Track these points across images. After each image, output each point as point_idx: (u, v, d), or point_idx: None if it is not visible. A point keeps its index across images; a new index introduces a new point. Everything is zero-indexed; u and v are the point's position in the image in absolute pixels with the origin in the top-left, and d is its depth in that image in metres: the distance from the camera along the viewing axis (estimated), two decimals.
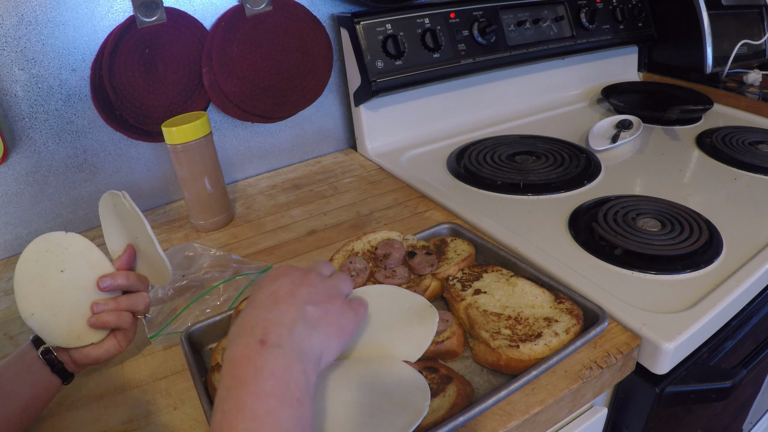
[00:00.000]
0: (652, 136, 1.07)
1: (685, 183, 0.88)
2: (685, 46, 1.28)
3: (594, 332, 0.54)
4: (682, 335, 0.56)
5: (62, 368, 0.53)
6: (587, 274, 0.66)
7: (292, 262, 0.76)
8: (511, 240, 0.74)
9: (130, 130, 0.89)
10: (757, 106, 1.14)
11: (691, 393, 0.60)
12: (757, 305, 0.71)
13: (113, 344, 0.56)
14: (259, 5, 0.92)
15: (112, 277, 0.55)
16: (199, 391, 0.51)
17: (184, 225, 0.90)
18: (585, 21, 1.19)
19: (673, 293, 0.63)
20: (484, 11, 1.08)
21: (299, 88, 1.02)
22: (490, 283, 0.63)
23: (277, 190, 1.00)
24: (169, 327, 0.63)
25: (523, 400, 0.51)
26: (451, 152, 1.04)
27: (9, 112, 0.80)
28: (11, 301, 0.74)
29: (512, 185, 0.88)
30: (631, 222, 0.75)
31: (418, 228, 0.80)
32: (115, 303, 0.55)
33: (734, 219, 0.76)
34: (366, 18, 0.97)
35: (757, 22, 1.33)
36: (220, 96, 0.94)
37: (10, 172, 0.83)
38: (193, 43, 0.89)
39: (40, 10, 0.78)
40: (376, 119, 1.07)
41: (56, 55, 0.81)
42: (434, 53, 1.02)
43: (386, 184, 0.98)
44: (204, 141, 0.81)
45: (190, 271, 0.72)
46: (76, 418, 0.54)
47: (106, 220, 0.59)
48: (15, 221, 0.86)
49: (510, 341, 0.53)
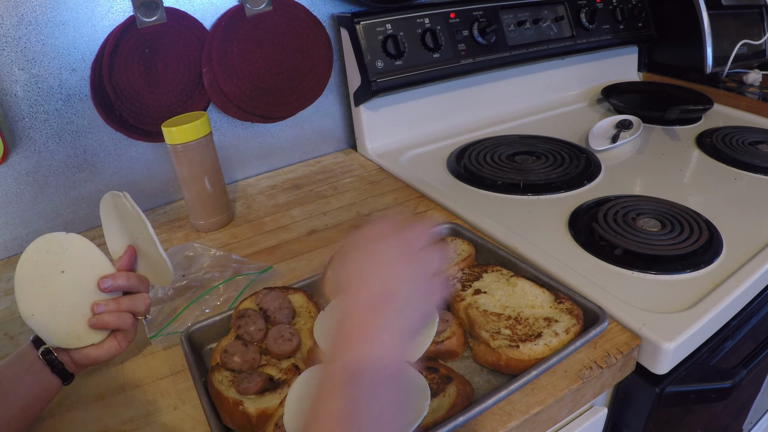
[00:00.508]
0: (652, 136, 1.07)
1: (685, 183, 0.88)
2: (685, 46, 1.28)
3: (594, 332, 0.54)
4: (682, 335, 0.56)
5: (62, 369, 0.53)
6: (587, 274, 0.66)
7: (292, 263, 0.76)
8: (511, 240, 0.74)
9: (130, 130, 0.89)
10: (757, 106, 1.14)
11: (691, 393, 0.60)
12: (757, 305, 0.71)
13: (113, 345, 0.56)
14: (259, 5, 0.92)
15: (112, 277, 0.55)
16: (199, 391, 0.51)
17: (184, 225, 0.90)
18: (585, 21, 1.19)
19: (673, 293, 0.63)
20: (484, 11, 1.08)
21: (299, 88, 1.02)
22: (490, 283, 0.63)
23: (277, 190, 1.00)
24: (169, 327, 0.63)
25: (523, 400, 0.51)
26: (451, 152, 1.04)
27: (9, 112, 0.80)
28: (11, 301, 0.74)
29: (512, 185, 0.88)
30: (631, 222, 0.75)
31: None
32: (115, 304, 0.55)
33: (734, 219, 0.76)
34: (366, 18, 0.97)
35: (757, 22, 1.33)
36: (220, 96, 0.94)
37: (10, 172, 0.83)
38: (193, 43, 0.89)
39: (40, 10, 0.78)
40: (376, 119, 1.07)
41: (56, 55, 0.81)
42: (434, 53, 1.02)
43: (386, 184, 0.98)
44: (204, 141, 0.81)
45: (190, 271, 0.72)
46: (76, 418, 0.54)
47: (106, 221, 0.59)
48: (15, 221, 0.86)
49: (510, 341, 0.53)
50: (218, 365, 0.54)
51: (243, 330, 0.58)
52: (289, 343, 0.56)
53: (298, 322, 0.60)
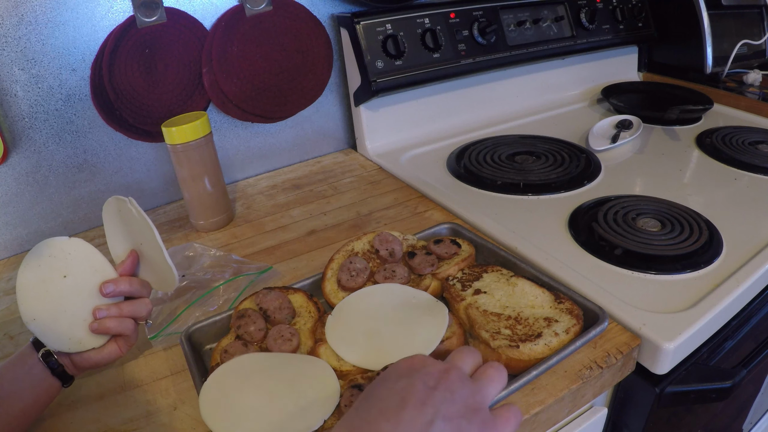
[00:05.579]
0: (652, 136, 1.07)
1: (685, 183, 0.88)
2: (685, 46, 1.28)
3: (594, 332, 0.54)
4: (682, 335, 0.56)
5: (62, 371, 0.53)
6: (587, 274, 0.66)
7: (292, 262, 0.76)
8: (511, 240, 0.74)
9: (130, 130, 0.89)
10: (757, 106, 1.14)
11: (691, 393, 0.60)
12: (757, 305, 0.71)
13: (114, 349, 0.55)
14: (259, 5, 0.92)
15: (115, 282, 0.55)
16: (199, 391, 0.51)
17: (184, 225, 0.90)
18: (585, 21, 1.19)
19: (673, 293, 0.63)
20: (484, 11, 1.08)
21: (299, 88, 1.02)
22: (490, 283, 0.63)
23: (277, 190, 1.00)
24: (169, 328, 0.63)
25: (523, 400, 0.51)
26: (451, 152, 1.04)
27: (9, 112, 0.80)
28: (11, 300, 0.74)
29: (512, 185, 0.88)
30: (631, 222, 0.75)
31: (418, 228, 0.80)
32: (117, 309, 0.55)
33: (734, 219, 0.76)
34: (366, 18, 0.97)
35: (757, 22, 1.33)
36: (220, 96, 0.94)
37: (10, 172, 0.83)
38: (193, 43, 0.89)
39: (40, 10, 0.78)
40: (376, 119, 1.07)
41: (56, 55, 0.81)
42: (434, 53, 1.02)
43: (386, 184, 0.98)
44: (204, 141, 0.81)
45: (190, 271, 0.72)
46: (76, 418, 0.54)
47: (109, 225, 0.59)
48: (15, 221, 0.86)
49: (510, 341, 0.53)
50: (218, 365, 0.54)
51: (243, 330, 0.58)
52: (289, 343, 0.56)
53: (298, 322, 0.60)
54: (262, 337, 0.57)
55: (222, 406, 0.49)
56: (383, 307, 0.59)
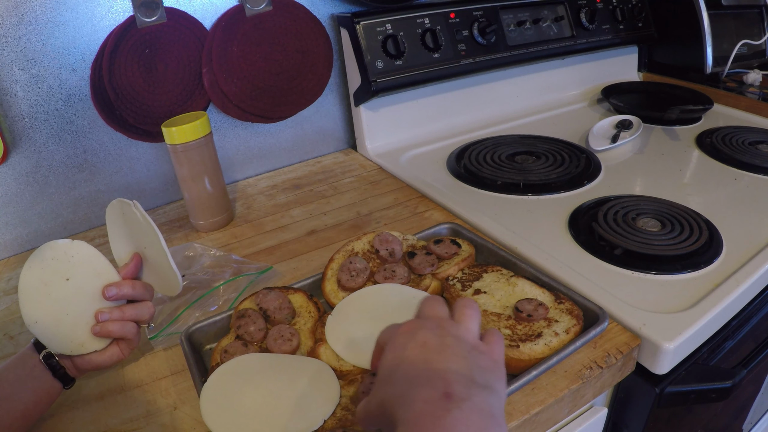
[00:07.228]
0: (652, 136, 1.07)
1: (685, 183, 0.88)
2: (685, 46, 1.28)
3: (594, 332, 0.54)
4: (682, 335, 0.56)
5: (64, 373, 0.53)
6: (587, 274, 0.66)
7: (292, 263, 0.76)
8: (511, 240, 0.74)
9: (130, 130, 0.89)
10: (757, 106, 1.14)
11: (691, 393, 0.60)
12: (757, 305, 0.71)
13: (116, 351, 0.55)
14: (259, 5, 0.92)
15: (117, 286, 0.55)
16: (199, 391, 0.51)
17: (184, 225, 0.90)
18: (585, 21, 1.19)
19: (673, 293, 0.63)
20: (484, 11, 1.08)
21: (299, 88, 1.02)
22: (490, 283, 0.63)
23: (277, 190, 1.00)
24: (169, 328, 0.63)
25: (523, 400, 0.51)
26: (451, 152, 1.04)
27: (9, 112, 0.80)
28: (11, 300, 0.74)
29: (512, 185, 0.88)
30: (631, 222, 0.75)
31: (418, 228, 0.80)
32: (120, 312, 0.55)
33: (734, 219, 0.76)
34: (366, 18, 0.97)
35: (757, 22, 1.33)
36: (220, 96, 0.94)
37: (10, 172, 0.83)
38: (193, 43, 0.89)
39: (40, 10, 0.78)
40: (376, 119, 1.07)
41: (56, 55, 0.81)
42: (434, 53, 1.02)
43: (386, 184, 0.98)
44: (204, 141, 0.81)
45: (190, 271, 0.72)
46: (76, 418, 0.54)
47: (112, 227, 0.59)
48: (15, 221, 0.86)
49: (510, 341, 0.53)
50: (218, 365, 0.54)
51: (243, 330, 0.58)
52: (289, 343, 0.56)
53: (298, 322, 0.60)
54: (262, 337, 0.58)
55: (222, 406, 0.49)
56: (383, 307, 0.59)
